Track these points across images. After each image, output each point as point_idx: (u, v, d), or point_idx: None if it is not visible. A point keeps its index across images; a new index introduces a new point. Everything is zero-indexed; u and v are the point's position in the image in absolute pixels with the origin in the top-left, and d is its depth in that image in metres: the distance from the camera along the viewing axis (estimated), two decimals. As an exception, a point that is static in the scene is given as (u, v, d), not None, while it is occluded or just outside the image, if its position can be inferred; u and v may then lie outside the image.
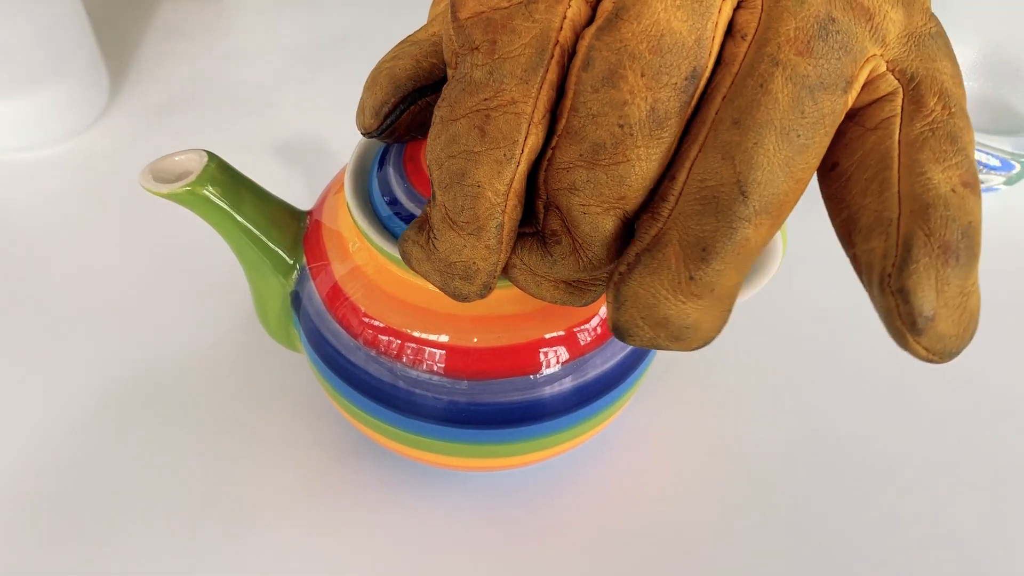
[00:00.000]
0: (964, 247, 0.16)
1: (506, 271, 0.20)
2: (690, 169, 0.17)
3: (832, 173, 0.18)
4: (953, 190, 0.16)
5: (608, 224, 0.18)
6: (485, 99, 0.17)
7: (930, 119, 0.17)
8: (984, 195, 0.41)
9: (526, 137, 0.17)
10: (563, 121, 0.18)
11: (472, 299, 0.20)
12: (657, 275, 0.17)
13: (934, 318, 0.16)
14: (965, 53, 0.39)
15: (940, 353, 0.16)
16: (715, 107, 0.17)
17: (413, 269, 0.20)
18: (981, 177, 0.40)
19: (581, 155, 0.17)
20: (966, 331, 0.16)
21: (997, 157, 0.39)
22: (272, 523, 0.28)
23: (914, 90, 0.17)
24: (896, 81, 0.17)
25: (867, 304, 0.35)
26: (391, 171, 0.23)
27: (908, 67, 0.17)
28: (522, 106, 0.17)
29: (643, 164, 0.17)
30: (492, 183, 0.18)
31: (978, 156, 0.39)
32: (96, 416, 0.30)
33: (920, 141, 0.17)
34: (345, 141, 0.42)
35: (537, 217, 0.19)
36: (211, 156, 0.24)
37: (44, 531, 0.27)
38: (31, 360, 0.32)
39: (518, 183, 0.18)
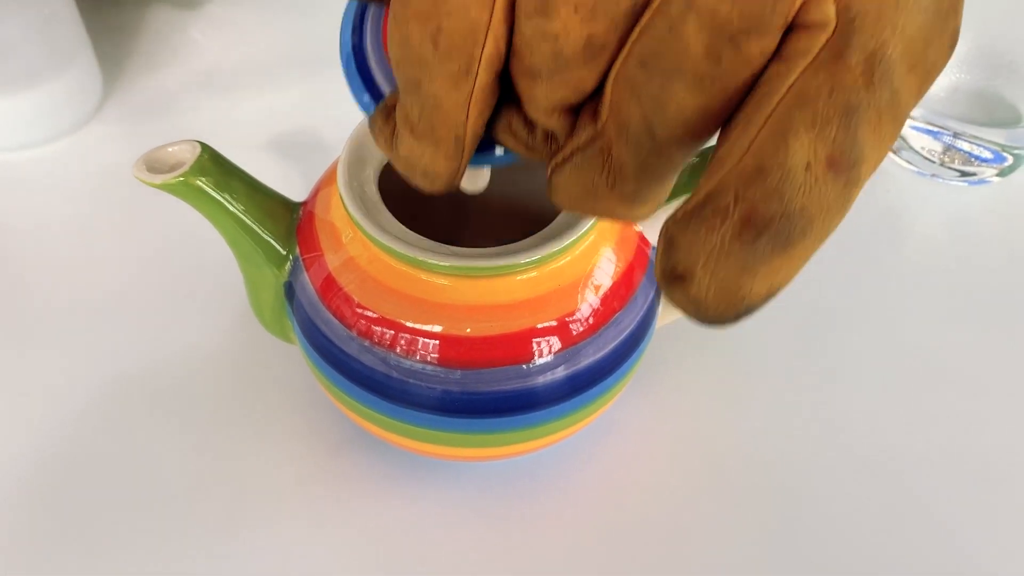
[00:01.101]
0: (777, 230, 0.13)
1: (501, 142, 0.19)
2: (611, 92, 0.16)
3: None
4: (808, 167, 0.13)
5: (563, 122, 0.17)
6: None
7: (837, 78, 0.13)
8: (976, 187, 0.41)
9: (483, 47, 0.16)
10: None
11: (439, 192, 0.19)
12: (585, 174, 0.17)
13: (687, 280, 0.14)
14: (959, 45, 0.39)
15: (696, 317, 0.14)
16: (633, 38, 0.15)
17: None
18: (974, 169, 0.40)
19: (522, 73, 0.16)
20: (728, 309, 0.14)
21: (990, 149, 0.39)
22: (267, 513, 0.28)
23: (843, 36, 0.13)
24: (832, 14, 0.13)
25: (868, 297, 0.35)
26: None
27: (856, 2, 0.13)
28: (476, 11, 0.15)
29: (581, 84, 0.16)
30: (450, 96, 0.17)
31: (971, 148, 0.39)
32: (91, 411, 0.30)
33: (808, 98, 0.13)
34: (339, 134, 0.42)
35: None
36: (204, 147, 0.24)
37: (43, 526, 0.27)
38: (28, 355, 0.32)
39: (479, 93, 0.17)
